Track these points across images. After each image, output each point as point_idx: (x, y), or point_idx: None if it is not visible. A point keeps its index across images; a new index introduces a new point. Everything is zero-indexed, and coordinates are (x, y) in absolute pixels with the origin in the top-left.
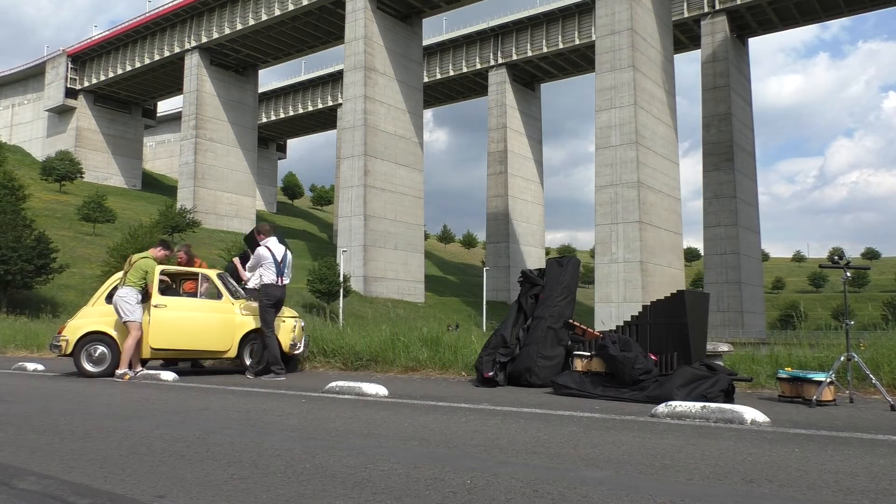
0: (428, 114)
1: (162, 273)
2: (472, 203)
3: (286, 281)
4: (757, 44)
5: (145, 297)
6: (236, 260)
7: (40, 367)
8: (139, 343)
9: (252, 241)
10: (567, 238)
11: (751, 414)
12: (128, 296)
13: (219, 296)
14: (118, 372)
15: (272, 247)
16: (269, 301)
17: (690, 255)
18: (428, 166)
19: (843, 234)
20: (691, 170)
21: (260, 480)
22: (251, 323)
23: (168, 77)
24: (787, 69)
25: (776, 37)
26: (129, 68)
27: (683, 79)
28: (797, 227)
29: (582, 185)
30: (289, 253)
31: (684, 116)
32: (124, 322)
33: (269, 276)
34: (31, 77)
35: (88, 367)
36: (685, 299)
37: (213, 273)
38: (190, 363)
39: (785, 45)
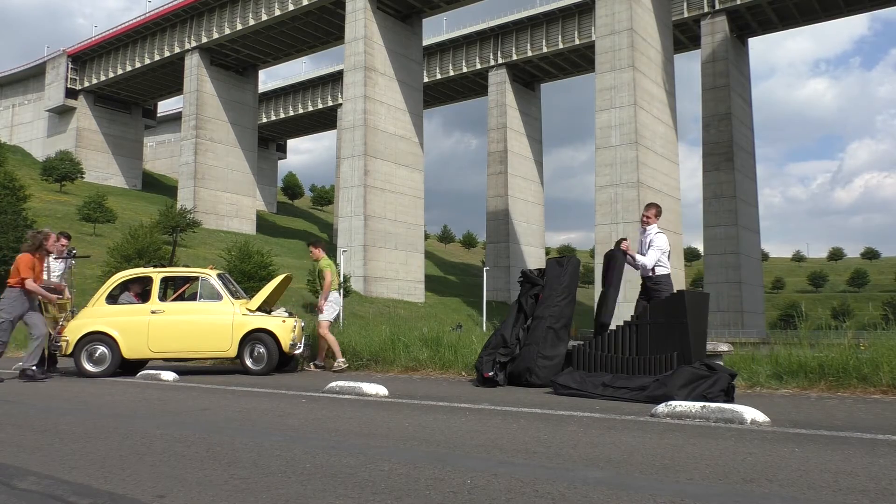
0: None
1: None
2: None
3: None
4: (790, 50)
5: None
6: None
7: None
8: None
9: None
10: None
11: (751, 414)
12: (336, 300)
13: (219, 297)
14: (316, 362)
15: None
16: None
17: (690, 255)
18: (446, 168)
19: (853, 235)
20: (692, 169)
21: (260, 480)
22: (251, 323)
23: (168, 77)
24: (818, 74)
25: (810, 45)
26: (129, 68)
27: (690, 78)
28: (809, 229)
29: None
30: None
31: (692, 115)
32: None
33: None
34: (31, 77)
35: (88, 367)
36: (685, 299)
37: (213, 273)
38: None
39: (829, 54)
